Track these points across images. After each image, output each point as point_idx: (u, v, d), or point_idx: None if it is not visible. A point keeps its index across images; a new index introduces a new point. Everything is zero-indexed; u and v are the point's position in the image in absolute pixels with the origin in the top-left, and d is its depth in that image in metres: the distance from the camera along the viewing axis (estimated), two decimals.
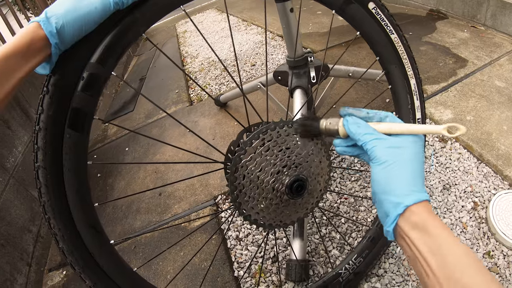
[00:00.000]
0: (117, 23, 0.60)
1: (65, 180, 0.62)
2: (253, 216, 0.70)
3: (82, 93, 0.60)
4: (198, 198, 1.44)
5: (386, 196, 0.50)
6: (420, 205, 0.48)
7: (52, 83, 0.58)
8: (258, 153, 0.66)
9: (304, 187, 0.68)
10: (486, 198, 1.18)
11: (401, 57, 0.89)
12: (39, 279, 1.36)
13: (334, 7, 0.80)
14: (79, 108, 0.60)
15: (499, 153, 1.30)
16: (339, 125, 0.58)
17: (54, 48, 0.53)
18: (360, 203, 1.24)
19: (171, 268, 1.21)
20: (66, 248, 0.64)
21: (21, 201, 1.45)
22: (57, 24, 0.52)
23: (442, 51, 1.99)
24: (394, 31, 0.85)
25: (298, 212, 0.74)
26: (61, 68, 0.58)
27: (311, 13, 3.05)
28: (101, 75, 0.61)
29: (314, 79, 1.21)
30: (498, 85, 1.63)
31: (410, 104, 0.93)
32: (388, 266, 1.06)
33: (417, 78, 0.92)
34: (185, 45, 3.24)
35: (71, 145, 0.61)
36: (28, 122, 1.72)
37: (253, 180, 0.67)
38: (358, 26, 0.84)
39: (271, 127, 0.67)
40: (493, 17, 2.10)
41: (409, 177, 0.50)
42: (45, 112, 0.58)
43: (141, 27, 0.63)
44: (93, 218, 0.66)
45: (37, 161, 0.59)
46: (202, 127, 1.86)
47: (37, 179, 0.60)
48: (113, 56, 0.62)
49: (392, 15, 0.84)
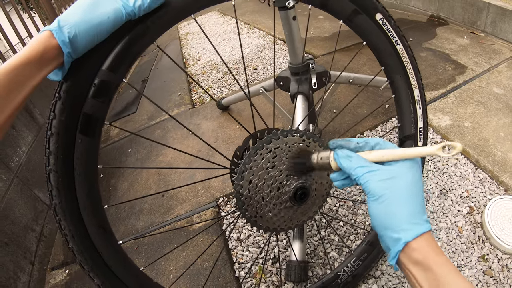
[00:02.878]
0: (129, 31, 0.61)
1: (76, 183, 0.63)
2: (258, 222, 0.72)
3: (94, 99, 0.61)
4: (200, 200, 1.46)
5: (385, 231, 0.49)
6: (420, 239, 0.46)
7: (64, 89, 0.59)
8: (265, 161, 0.68)
9: (307, 195, 0.70)
10: (482, 203, 1.20)
11: (406, 67, 0.91)
12: (42, 277, 1.38)
13: (341, 17, 0.82)
14: (90, 114, 0.62)
15: (495, 159, 1.32)
16: (331, 160, 0.57)
17: (67, 57, 0.54)
18: (359, 207, 1.27)
19: (173, 268, 1.23)
20: (76, 248, 0.66)
21: (25, 200, 1.47)
22: (69, 33, 0.52)
23: (441, 57, 2.01)
24: (400, 42, 0.88)
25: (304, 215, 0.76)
26: (73, 75, 0.59)
27: (312, 18, 3.07)
28: (112, 82, 0.63)
29: (316, 85, 1.24)
30: (496, 92, 1.65)
31: (412, 113, 0.96)
32: (385, 268, 1.08)
33: (420, 88, 0.94)
34: (187, 47, 3.27)
35: (82, 150, 0.62)
36: (32, 122, 1.75)
37: (259, 187, 0.69)
38: (365, 36, 0.86)
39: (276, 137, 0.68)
40: (492, 24, 2.12)
41: (407, 210, 0.48)
42: (57, 117, 0.59)
43: (152, 35, 0.64)
44: (103, 219, 0.68)
45: (49, 164, 0.61)
46: (204, 130, 1.88)
47: (49, 182, 0.61)
48: (124, 64, 0.63)
49: (398, 26, 0.87)
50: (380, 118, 1.64)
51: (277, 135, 0.68)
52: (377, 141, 0.55)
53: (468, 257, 1.07)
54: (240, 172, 0.67)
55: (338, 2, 0.79)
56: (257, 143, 0.67)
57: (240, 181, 0.67)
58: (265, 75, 2.33)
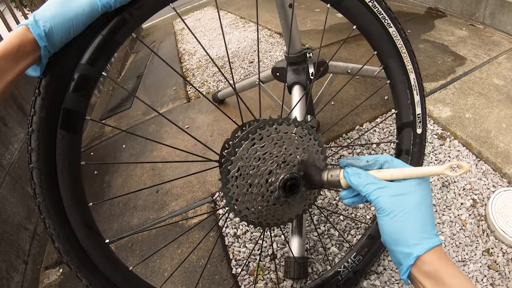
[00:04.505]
0: (106, 23, 0.60)
1: (59, 181, 0.62)
2: (249, 217, 0.70)
3: (73, 94, 0.60)
4: (195, 195, 1.43)
5: (397, 247, 0.49)
6: (431, 252, 0.47)
7: (44, 85, 0.58)
8: (250, 154, 0.65)
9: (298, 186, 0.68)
10: (485, 195, 1.17)
11: (400, 51, 0.87)
12: (35, 277, 1.35)
13: (329, 0, 0.78)
14: (70, 109, 0.61)
15: (498, 151, 1.29)
16: (340, 177, 0.58)
17: (44, 51, 0.54)
18: None
19: (168, 265, 1.20)
20: (62, 248, 0.64)
21: (18, 198, 1.43)
22: (45, 27, 0.52)
23: (440, 49, 1.98)
24: (392, 24, 0.83)
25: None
26: (52, 70, 0.58)
27: (309, 11, 3.04)
28: (91, 76, 0.61)
29: (313, 75, 1.20)
30: (497, 83, 1.62)
31: (410, 99, 0.92)
32: (387, 264, 1.05)
33: (416, 72, 0.90)
34: (182, 42, 3.23)
35: (64, 146, 0.61)
36: (24, 119, 1.71)
37: (246, 180, 0.67)
38: (355, 20, 0.82)
39: (260, 126, 0.66)
40: (491, 16, 2.10)
41: (418, 224, 0.49)
42: (37, 113, 0.58)
43: (130, 27, 0.63)
44: (88, 217, 0.67)
45: (31, 162, 0.60)
46: (200, 124, 1.85)
47: (32, 179, 0.61)
48: (103, 57, 0.62)
49: (390, 8, 0.83)
50: (379, 109, 1.61)
51: (262, 124, 0.65)
52: (386, 159, 0.56)
53: (473, 251, 1.04)
54: (226, 162, 0.65)
55: None
56: (242, 133, 0.65)
57: (226, 175, 0.65)
58: (261, 68, 2.29)
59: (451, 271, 0.46)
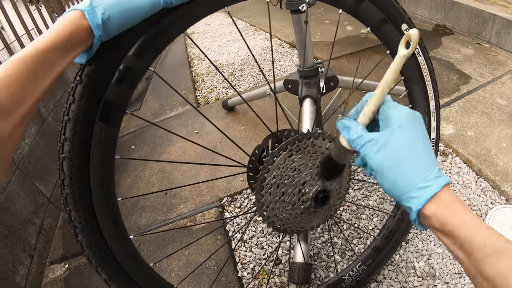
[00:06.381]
0: (161, 18, 0.59)
1: (91, 173, 0.60)
2: (276, 223, 0.73)
3: (117, 86, 0.58)
4: (204, 199, 1.47)
5: (399, 200, 0.45)
6: (432, 203, 0.42)
7: (87, 73, 0.56)
8: (287, 164, 0.68)
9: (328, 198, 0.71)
10: (483, 211, 1.22)
11: (425, 78, 0.92)
12: (40, 271, 1.37)
13: (370, 24, 0.83)
14: (112, 101, 0.59)
15: (497, 169, 1.34)
16: (341, 140, 0.51)
17: (97, 40, 0.51)
18: (362, 211, 1.28)
19: (175, 266, 1.24)
20: (85, 241, 0.63)
21: (26, 193, 1.46)
22: (103, 15, 0.49)
23: (446, 66, 2.03)
24: (421, 53, 0.88)
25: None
26: (98, 59, 0.55)
27: (318, 22, 3.08)
28: (137, 69, 0.60)
29: (324, 89, 1.25)
30: (500, 103, 1.67)
31: (427, 124, 0.96)
32: (387, 273, 1.09)
33: (436, 100, 0.95)
34: (192, 47, 3.27)
35: (100, 138, 0.59)
36: (36, 114, 1.74)
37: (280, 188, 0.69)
38: (389, 45, 0.86)
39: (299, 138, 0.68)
40: (497, 35, 2.14)
41: (412, 172, 0.44)
42: (77, 102, 0.56)
43: (183, 25, 0.62)
44: (115, 212, 0.66)
45: (63, 152, 0.57)
46: (209, 130, 1.88)
47: (61, 170, 0.58)
48: (152, 51, 0.60)
49: (422, 38, 0.88)
50: None
51: (307, 136, 0.68)
52: (367, 97, 0.50)
53: None
54: (265, 169, 0.67)
55: (369, 9, 0.80)
56: (287, 141, 0.67)
57: (264, 180, 0.67)
58: (271, 78, 2.34)
59: (458, 218, 0.41)
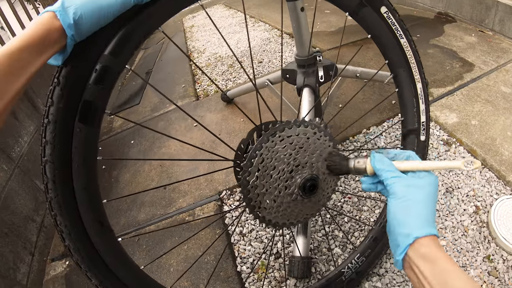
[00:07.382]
0: (134, 15, 0.58)
1: (74, 176, 0.60)
2: (267, 217, 0.71)
3: (95, 86, 0.58)
4: (203, 193, 1.45)
5: (399, 228, 0.53)
6: (429, 238, 0.51)
7: (64, 74, 0.55)
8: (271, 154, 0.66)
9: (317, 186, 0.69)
10: (488, 202, 1.19)
11: (409, 61, 0.90)
12: (41, 268, 1.37)
13: (348, 9, 0.81)
14: (91, 101, 0.58)
15: (502, 159, 1.30)
16: (367, 163, 0.63)
17: (70, 40, 0.51)
18: (364, 203, 1.26)
19: (174, 261, 1.22)
20: (73, 246, 0.62)
21: (26, 190, 1.46)
22: (75, 14, 0.49)
23: (449, 54, 1.99)
24: (404, 35, 0.87)
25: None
26: (74, 60, 0.55)
27: (319, 12, 3.04)
28: (114, 68, 0.59)
29: (322, 78, 1.22)
30: (504, 91, 1.63)
31: (415, 107, 0.95)
32: (389, 266, 1.07)
33: (423, 82, 0.94)
34: (192, 40, 3.24)
35: (81, 140, 0.59)
36: (34, 112, 1.73)
37: (266, 180, 0.67)
38: (370, 29, 0.85)
39: (280, 129, 0.67)
40: (501, 23, 2.10)
41: (423, 213, 0.53)
42: (55, 104, 0.55)
43: (157, 21, 0.62)
44: (101, 214, 0.65)
45: (45, 155, 0.57)
46: (208, 122, 1.87)
47: (44, 174, 0.58)
48: (127, 49, 0.60)
49: (402, 19, 0.86)
50: (386, 113, 1.63)
51: (290, 125, 0.67)
52: (410, 154, 0.62)
53: (474, 257, 1.06)
54: (249, 159, 0.66)
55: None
56: (269, 131, 0.66)
57: (247, 169, 0.66)
58: (270, 69, 2.31)
59: (445, 256, 0.49)
